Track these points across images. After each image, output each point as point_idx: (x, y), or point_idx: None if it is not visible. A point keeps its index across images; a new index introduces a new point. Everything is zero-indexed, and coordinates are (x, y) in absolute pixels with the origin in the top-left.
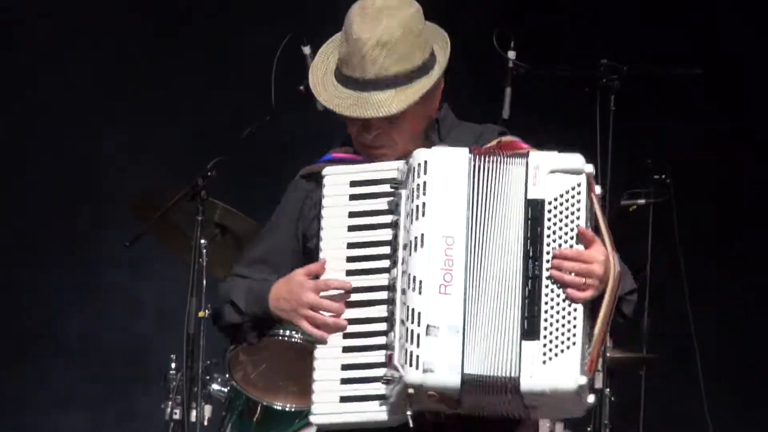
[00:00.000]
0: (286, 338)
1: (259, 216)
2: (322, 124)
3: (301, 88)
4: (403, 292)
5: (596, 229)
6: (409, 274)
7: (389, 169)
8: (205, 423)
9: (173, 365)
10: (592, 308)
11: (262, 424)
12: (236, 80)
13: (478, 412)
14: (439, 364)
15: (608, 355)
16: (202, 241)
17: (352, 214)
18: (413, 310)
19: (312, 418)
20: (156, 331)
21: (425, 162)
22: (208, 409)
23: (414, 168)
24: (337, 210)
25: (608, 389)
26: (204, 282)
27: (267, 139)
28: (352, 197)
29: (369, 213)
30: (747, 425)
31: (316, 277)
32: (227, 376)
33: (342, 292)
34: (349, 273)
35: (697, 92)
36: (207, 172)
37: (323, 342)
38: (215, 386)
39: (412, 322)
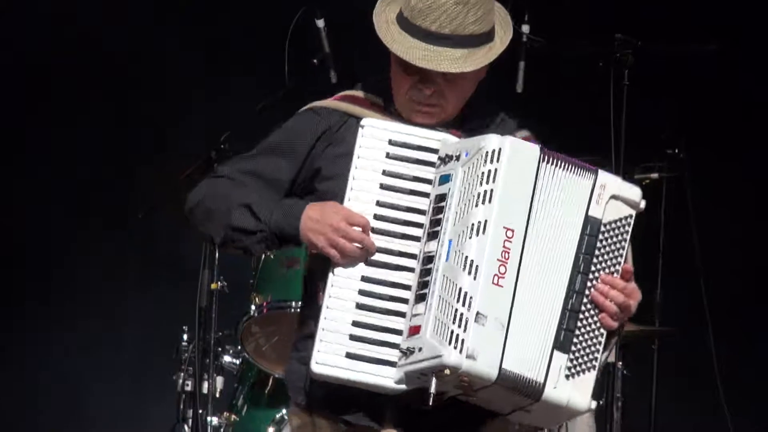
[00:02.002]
0: (298, 310)
1: None
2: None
3: (315, 60)
4: (451, 270)
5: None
6: (465, 256)
7: (432, 138)
8: (217, 395)
9: (185, 337)
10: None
11: (273, 396)
12: (250, 53)
13: (483, 404)
14: (483, 354)
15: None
16: None
17: (386, 173)
18: (464, 292)
19: (313, 367)
20: (168, 303)
21: (499, 150)
22: (220, 381)
23: (486, 152)
24: (372, 163)
25: (620, 362)
26: (216, 255)
27: (280, 112)
28: (389, 156)
29: (404, 176)
30: (760, 397)
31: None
32: (239, 348)
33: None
34: (375, 231)
35: (712, 67)
36: (220, 144)
37: (341, 265)
38: (227, 358)
39: (463, 305)
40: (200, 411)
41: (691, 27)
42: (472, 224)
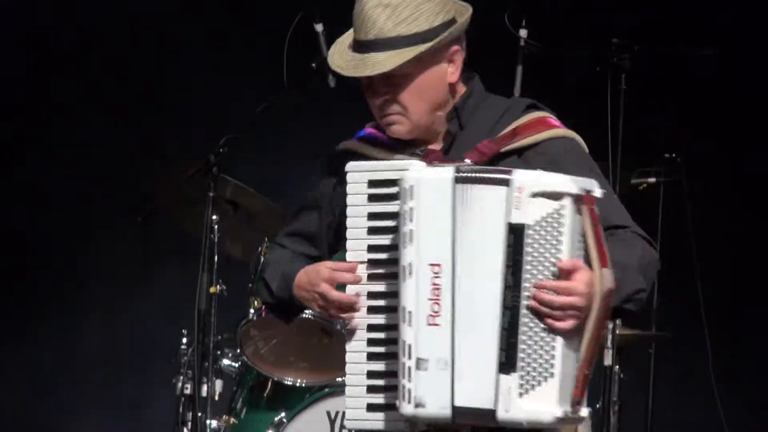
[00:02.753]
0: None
1: (270, 192)
2: (334, 100)
3: (314, 65)
4: (398, 321)
5: (586, 251)
6: (402, 306)
7: (403, 168)
8: (216, 398)
9: (184, 341)
10: (576, 333)
11: (272, 399)
12: (249, 57)
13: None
14: (430, 399)
15: (618, 332)
16: (214, 217)
17: (371, 216)
18: (405, 342)
19: (346, 423)
20: (167, 306)
21: (411, 187)
22: (219, 384)
23: (404, 190)
24: (359, 210)
25: (617, 366)
26: (215, 258)
27: (279, 115)
28: (371, 198)
29: (386, 216)
30: (754, 403)
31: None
32: (238, 351)
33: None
34: (371, 277)
35: (709, 71)
36: (219, 148)
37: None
38: (226, 361)
39: (404, 355)
40: (199, 414)
41: (688, 31)
42: (403, 267)
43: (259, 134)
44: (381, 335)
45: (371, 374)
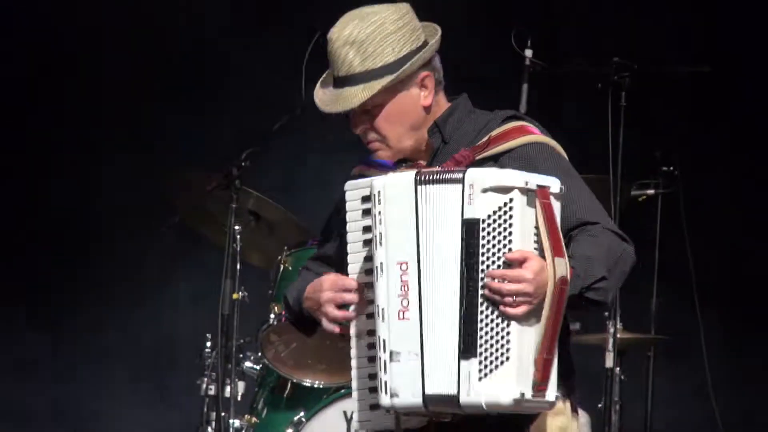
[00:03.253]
0: None
1: (290, 204)
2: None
3: None
4: (375, 318)
5: (539, 241)
6: (376, 303)
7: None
8: (239, 398)
9: (208, 344)
10: (533, 319)
11: (291, 400)
12: (268, 76)
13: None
14: (403, 389)
15: (618, 336)
16: (236, 227)
17: (365, 229)
18: (380, 337)
19: (353, 425)
20: (192, 311)
21: (378, 192)
22: (241, 386)
23: (373, 197)
24: (356, 224)
25: (618, 368)
26: (238, 266)
27: (299, 129)
28: (365, 213)
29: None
30: (750, 403)
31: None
32: (259, 354)
33: (355, 292)
34: (368, 286)
35: (705, 88)
36: (241, 162)
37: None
38: (248, 364)
39: (380, 350)
40: (223, 414)
41: (684, 51)
42: (375, 267)
43: (279, 148)
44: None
45: (372, 376)
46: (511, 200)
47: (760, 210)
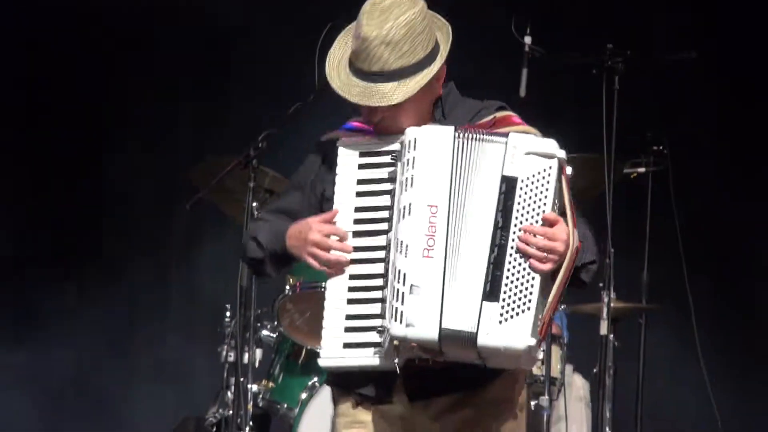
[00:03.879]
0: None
1: None
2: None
3: None
4: (393, 253)
5: (562, 208)
6: (398, 239)
7: (393, 142)
8: (256, 365)
9: (228, 314)
10: (549, 279)
11: (306, 366)
12: (283, 65)
13: (460, 360)
14: (420, 320)
15: (612, 305)
16: (254, 204)
17: (360, 182)
18: (399, 270)
19: (320, 362)
20: (213, 283)
21: (414, 139)
22: (258, 353)
23: (406, 144)
24: (348, 177)
25: (612, 335)
26: None
27: (310, 114)
28: (361, 166)
29: (373, 181)
30: (734, 366)
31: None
32: (275, 323)
33: (341, 236)
34: (356, 234)
35: (692, 73)
36: (258, 143)
37: (331, 274)
38: (265, 332)
39: (398, 282)
40: (242, 379)
41: (672, 38)
42: (401, 209)
43: (293, 130)
44: (361, 283)
45: (350, 317)
46: (550, 167)
47: (745, 186)
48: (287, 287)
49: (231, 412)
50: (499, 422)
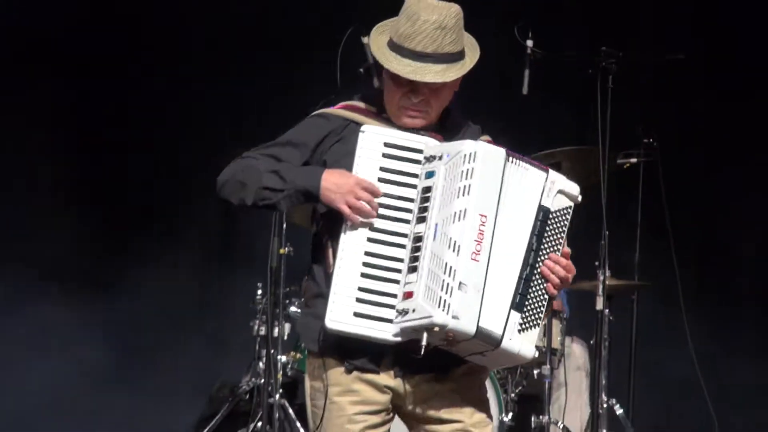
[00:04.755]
0: None
1: None
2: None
3: (361, 70)
4: (438, 248)
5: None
6: (450, 237)
7: (418, 141)
8: (285, 338)
9: (259, 292)
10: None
11: None
12: (308, 65)
13: (457, 351)
14: (464, 315)
15: (607, 282)
16: None
17: (382, 169)
18: (449, 266)
19: (327, 323)
20: (246, 264)
21: (474, 152)
22: (287, 327)
23: (464, 154)
24: (371, 161)
25: (607, 310)
26: (284, 226)
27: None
28: (384, 155)
29: (396, 171)
30: (716, 337)
31: None
32: (303, 300)
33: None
34: (374, 216)
35: (680, 72)
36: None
37: (355, 221)
38: (293, 308)
39: (447, 275)
40: (272, 351)
41: (662, 40)
42: (455, 212)
43: None
44: (378, 262)
45: (362, 290)
46: (571, 207)
47: (729, 175)
48: None
49: (262, 380)
50: (472, 391)
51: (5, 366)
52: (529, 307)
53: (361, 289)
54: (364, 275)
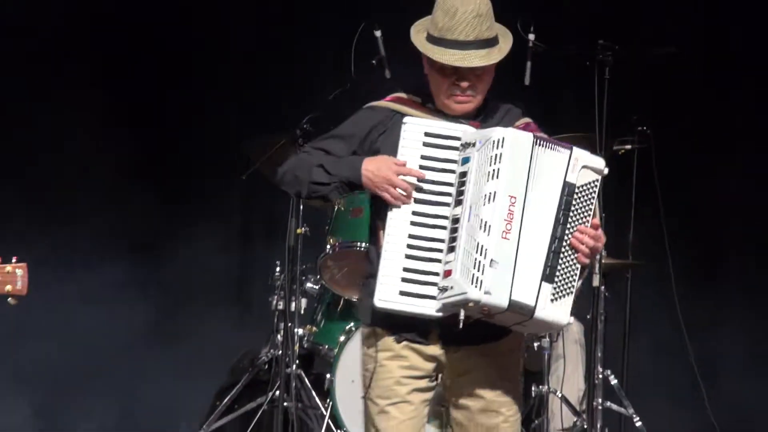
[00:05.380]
0: (362, 249)
1: None
2: (389, 87)
3: (374, 61)
4: (472, 229)
5: (594, 213)
6: (481, 219)
7: (455, 129)
8: (302, 312)
9: (278, 269)
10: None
11: (344, 313)
12: (325, 55)
13: (497, 322)
14: (496, 290)
15: (603, 261)
16: None
17: (423, 157)
18: (481, 245)
19: (375, 302)
20: (265, 244)
21: (503, 138)
22: (303, 302)
23: (493, 141)
24: (413, 150)
25: (603, 287)
26: (301, 207)
27: (348, 99)
28: (425, 144)
29: (436, 159)
30: (709, 312)
31: None
32: (318, 277)
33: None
34: (416, 201)
35: (672, 65)
36: (303, 124)
37: (397, 205)
38: (309, 284)
39: (480, 254)
40: (289, 324)
41: (655, 34)
42: (486, 194)
43: (332, 113)
44: (420, 243)
45: (406, 270)
46: (597, 180)
47: (718, 160)
48: (328, 246)
49: (280, 352)
50: (508, 371)
51: (65, 319)
52: (560, 278)
53: (405, 270)
54: (408, 256)
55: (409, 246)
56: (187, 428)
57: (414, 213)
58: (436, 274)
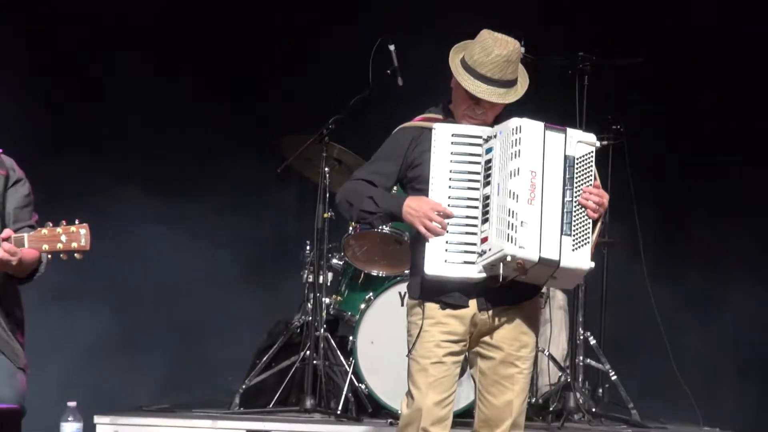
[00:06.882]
0: (379, 230)
1: (363, 153)
2: (401, 93)
3: (389, 71)
4: (502, 200)
5: (594, 177)
6: (510, 190)
7: (476, 129)
8: (328, 284)
9: (308, 247)
10: (594, 223)
11: (364, 284)
12: (346, 67)
13: (530, 280)
14: (528, 245)
15: None
16: (326, 169)
17: (452, 153)
18: (512, 210)
19: (426, 269)
20: (297, 226)
21: (520, 126)
22: (330, 275)
23: (512, 128)
24: (443, 149)
25: None
26: (327, 195)
27: (367, 103)
28: (453, 143)
29: (464, 153)
30: (674, 292)
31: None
32: (342, 254)
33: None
34: (451, 188)
35: (641, 71)
36: (329, 125)
37: (429, 237)
38: (335, 260)
39: (511, 217)
40: (318, 294)
41: (625, 45)
42: (511, 170)
43: (355, 115)
44: (457, 221)
45: (449, 242)
46: (592, 151)
47: (684, 153)
48: (350, 229)
49: (310, 318)
50: (531, 322)
51: (114, 260)
52: (576, 231)
53: (448, 242)
54: (449, 232)
55: (449, 224)
56: (233, 382)
57: (449, 197)
58: (474, 244)
